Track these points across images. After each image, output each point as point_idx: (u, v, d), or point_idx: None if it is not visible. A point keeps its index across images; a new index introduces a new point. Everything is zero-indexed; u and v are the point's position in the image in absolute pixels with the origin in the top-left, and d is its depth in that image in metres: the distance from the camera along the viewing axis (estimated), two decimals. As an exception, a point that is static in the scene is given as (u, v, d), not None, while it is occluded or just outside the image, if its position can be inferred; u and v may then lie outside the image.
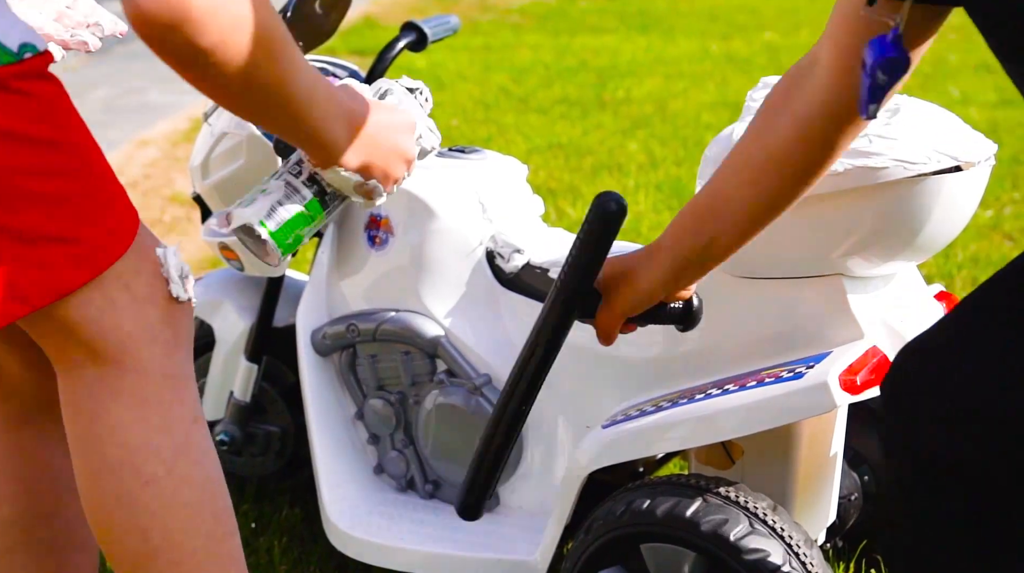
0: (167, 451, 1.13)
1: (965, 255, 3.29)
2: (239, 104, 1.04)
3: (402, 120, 1.22)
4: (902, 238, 1.42)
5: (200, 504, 1.14)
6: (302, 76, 1.04)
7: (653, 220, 3.69)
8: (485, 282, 1.73)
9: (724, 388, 1.47)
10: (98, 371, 1.11)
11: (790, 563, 1.39)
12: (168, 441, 1.13)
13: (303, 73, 1.04)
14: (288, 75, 1.02)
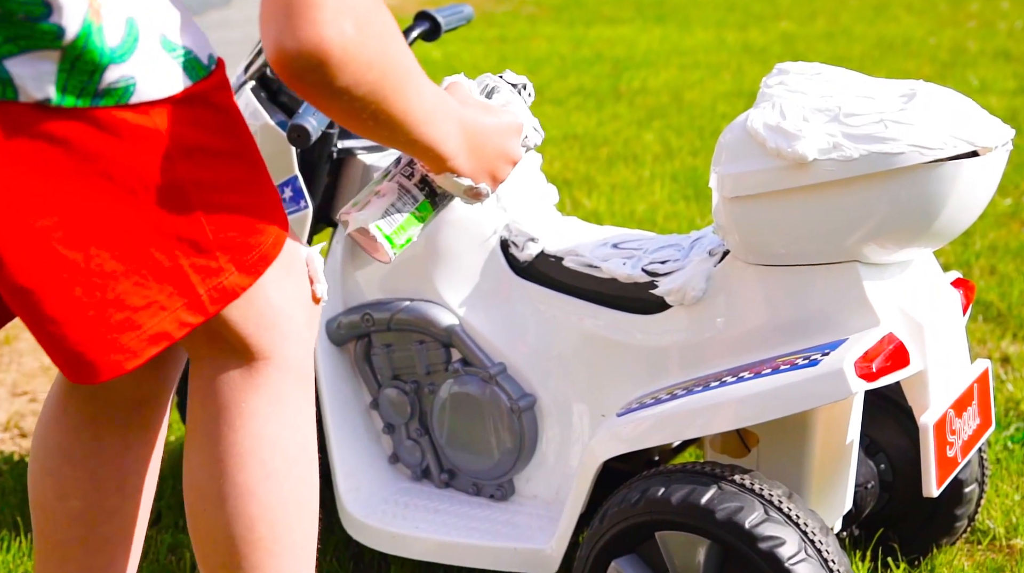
0: (293, 449, 1.17)
1: (983, 243, 3.27)
2: (363, 128, 1.08)
3: (510, 122, 1.25)
4: (918, 224, 1.41)
5: (305, 504, 1.19)
6: (426, 98, 1.09)
7: (669, 210, 3.69)
8: (499, 271, 1.73)
9: (739, 376, 1.46)
10: (242, 365, 1.14)
11: (805, 551, 1.38)
12: (294, 439, 1.17)
13: (426, 95, 1.09)
14: (413, 101, 1.07)
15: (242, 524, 1.16)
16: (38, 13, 0.95)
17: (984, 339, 2.68)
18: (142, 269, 1.03)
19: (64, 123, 0.97)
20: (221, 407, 1.15)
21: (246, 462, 1.15)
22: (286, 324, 1.16)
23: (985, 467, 1.80)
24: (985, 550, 1.88)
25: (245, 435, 1.15)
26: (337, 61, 0.98)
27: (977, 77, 5.58)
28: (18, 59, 0.96)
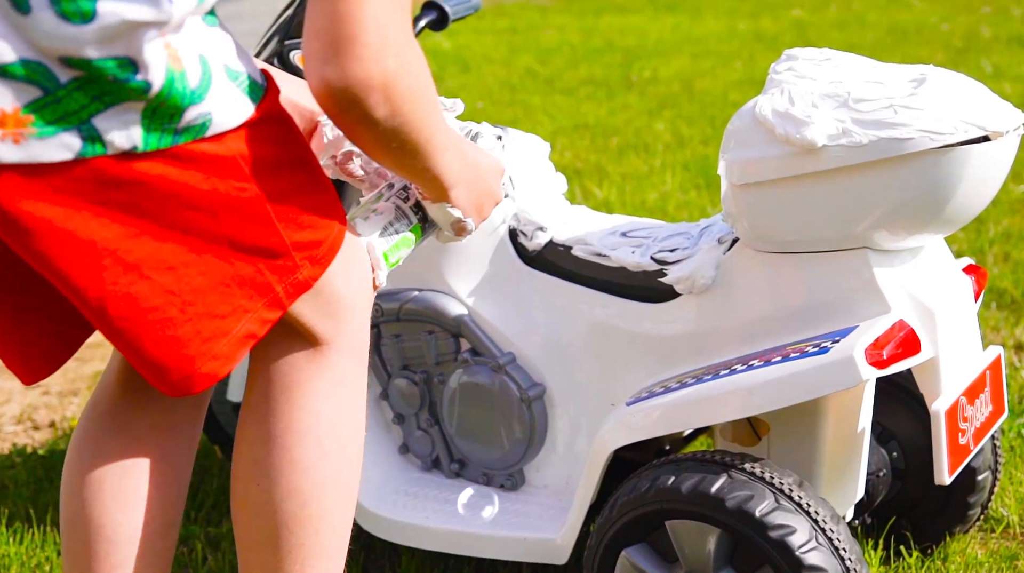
0: (348, 430, 1.22)
1: (997, 230, 3.25)
2: (385, 155, 1.15)
3: (496, 165, 1.34)
4: (929, 211, 1.40)
5: (353, 485, 1.24)
6: (443, 129, 1.17)
7: (680, 200, 3.68)
8: (508, 260, 1.72)
9: (749, 364, 1.45)
10: (306, 348, 1.19)
11: (816, 539, 1.38)
12: (351, 421, 1.22)
13: (442, 125, 1.17)
14: (435, 131, 1.15)
15: (296, 500, 1.19)
16: (125, 74, 1.00)
17: (998, 326, 2.66)
18: (227, 280, 1.09)
19: (148, 163, 1.02)
20: (284, 387, 1.19)
21: (305, 439, 1.19)
22: (349, 311, 1.21)
23: (998, 454, 1.79)
24: (999, 538, 1.87)
25: (307, 414, 1.19)
26: (380, 95, 1.06)
27: (991, 63, 5.55)
28: (104, 114, 1.00)
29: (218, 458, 2.18)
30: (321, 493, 1.20)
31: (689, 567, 1.46)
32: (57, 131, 0.99)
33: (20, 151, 0.98)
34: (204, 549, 1.91)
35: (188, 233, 1.06)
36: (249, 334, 1.12)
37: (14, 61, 0.97)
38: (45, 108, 0.98)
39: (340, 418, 1.21)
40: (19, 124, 0.98)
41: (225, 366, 1.11)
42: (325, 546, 1.21)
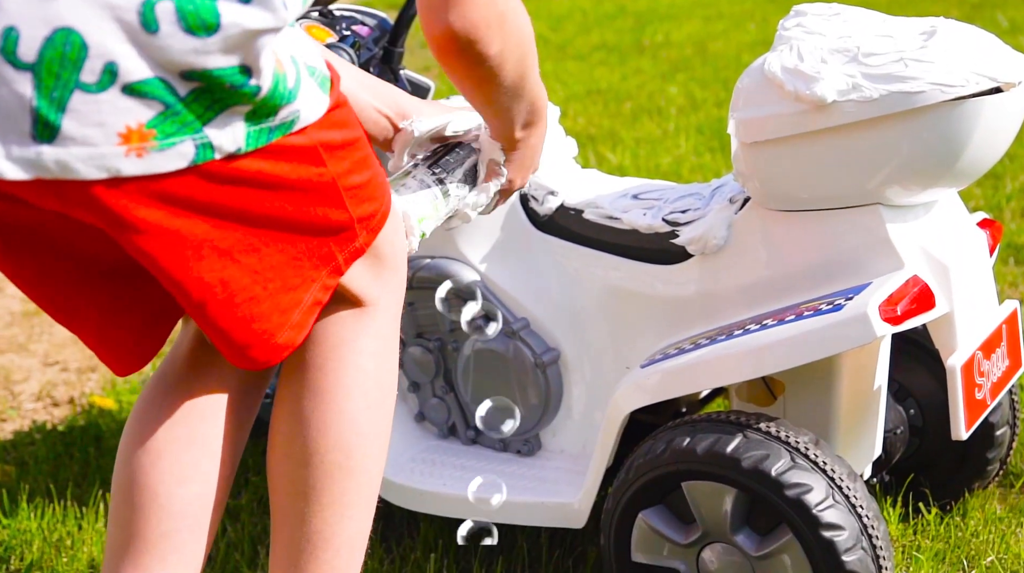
0: (388, 383, 1.29)
1: (1015, 186, 3.22)
2: (496, 92, 1.28)
3: (545, 134, 1.44)
4: (941, 164, 1.39)
5: (388, 437, 1.30)
6: (536, 70, 1.31)
7: (694, 163, 3.65)
8: (519, 225, 1.72)
9: (763, 323, 1.45)
10: (353, 309, 1.26)
11: (833, 497, 1.37)
12: (390, 377, 1.29)
13: (536, 67, 1.31)
14: (533, 67, 1.29)
15: (342, 450, 1.24)
16: (241, 80, 1.05)
17: (1016, 282, 2.64)
18: (299, 254, 1.16)
19: (247, 161, 1.08)
20: (333, 346, 1.25)
21: (353, 393, 1.25)
22: (392, 273, 1.28)
23: (1016, 410, 1.78)
24: (1018, 493, 1.86)
25: (355, 369, 1.25)
26: (496, 31, 1.20)
27: (1007, 17, 5.48)
28: (215, 121, 1.06)
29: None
30: (365, 444, 1.25)
31: (706, 528, 1.46)
32: (175, 142, 1.04)
33: (141, 164, 1.03)
34: (224, 520, 1.92)
35: (273, 218, 1.12)
36: (316, 302, 1.19)
37: (143, 79, 1.01)
38: (166, 122, 1.03)
39: (382, 372, 1.28)
40: (143, 139, 1.02)
41: (300, 334, 1.19)
42: (362, 497, 1.26)
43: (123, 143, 1.01)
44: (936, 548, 1.71)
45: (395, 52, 1.82)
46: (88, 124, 1.01)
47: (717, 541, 1.46)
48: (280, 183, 1.11)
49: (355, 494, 1.26)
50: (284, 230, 1.14)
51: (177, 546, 1.27)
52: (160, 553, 1.26)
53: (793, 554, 1.39)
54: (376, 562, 1.77)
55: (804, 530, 1.36)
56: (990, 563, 1.67)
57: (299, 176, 1.12)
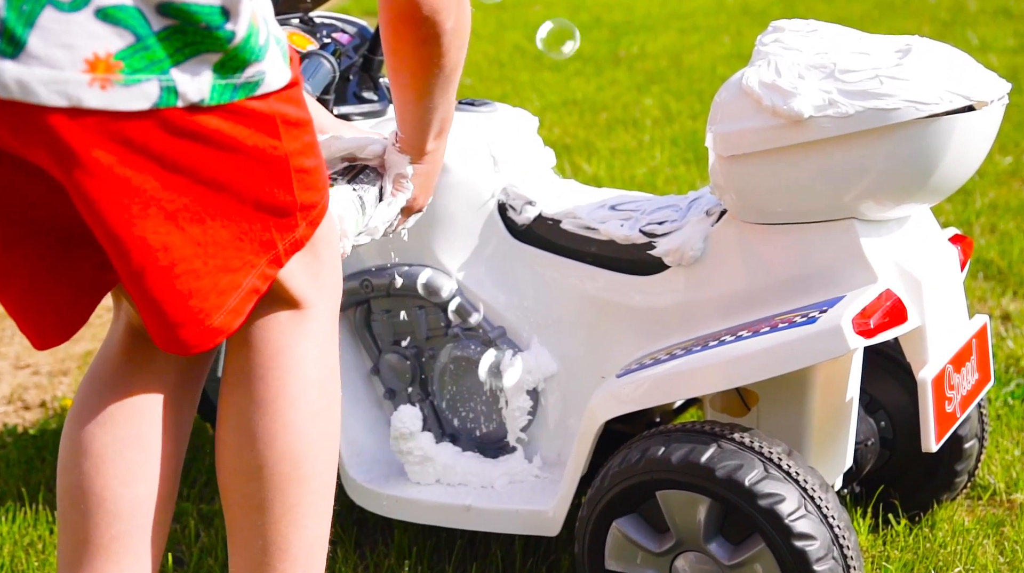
0: (332, 389, 1.27)
1: (984, 202, 3.26)
2: (433, 80, 1.33)
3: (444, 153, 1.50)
4: (915, 180, 1.41)
5: (337, 442, 1.28)
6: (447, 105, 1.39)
7: (669, 174, 3.68)
8: (497, 234, 1.73)
9: (738, 334, 1.46)
10: (292, 313, 1.24)
11: (805, 507, 1.39)
12: (333, 382, 1.27)
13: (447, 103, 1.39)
14: (461, 66, 1.34)
15: (290, 461, 1.22)
16: (217, 22, 1.03)
17: (985, 297, 2.68)
18: (241, 234, 1.13)
19: (207, 117, 1.06)
20: (272, 353, 1.23)
21: (297, 402, 1.23)
22: (329, 274, 1.26)
23: (985, 422, 1.80)
24: (985, 505, 1.89)
25: (297, 377, 1.23)
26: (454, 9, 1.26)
27: (977, 35, 5.55)
28: (183, 66, 1.03)
29: (209, 435, 2.19)
30: (313, 453, 1.24)
31: (679, 537, 1.47)
32: (140, 79, 1.01)
33: (104, 97, 1.00)
34: (197, 526, 1.92)
35: (222, 186, 1.09)
36: (255, 289, 1.16)
37: (119, 4, 0.99)
38: (135, 55, 1.00)
39: (325, 378, 1.26)
40: (109, 70, 0.99)
41: (235, 320, 1.15)
42: (316, 505, 1.25)
43: (89, 71, 0.98)
44: (905, 558, 1.73)
45: (375, 60, 1.83)
46: (55, 44, 0.97)
47: (690, 550, 1.47)
48: (236, 147, 1.08)
49: (308, 503, 1.24)
50: (231, 200, 1.10)
51: (129, 548, 1.26)
52: (113, 556, 1.25)
53: (765, 563, 1.40)
54: (350, 568, 1.77)
55: (776, 539, 1.38)
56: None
57: (255, 144, 1.09)
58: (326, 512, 1.27)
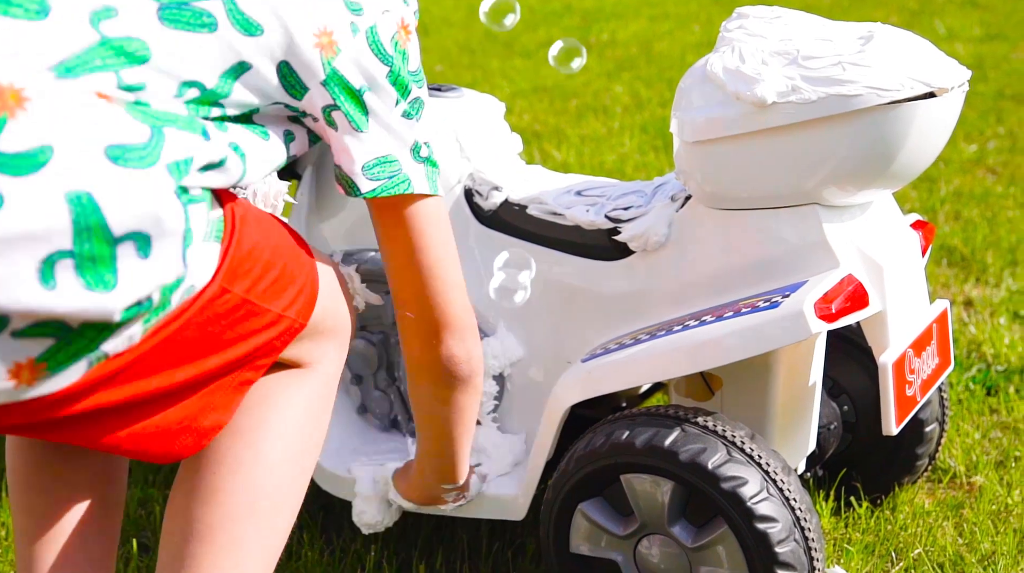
0: (313, 441, 1.27)
1: (948, 190, 3.29)
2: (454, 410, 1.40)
3: None
4: (877, 166, 1.42)
5: (300, 499, 1.26)
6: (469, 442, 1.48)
7: (638, 161, 3.69)
8: (464, 220, 1.73)
9: (702, 319, 1.47)
10: (290, 369, 1.25)
11: (767, 490, 1.40)
12: (317, 435, 1.28)
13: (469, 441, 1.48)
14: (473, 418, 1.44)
15: (251, 493, 1.20)
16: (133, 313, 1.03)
17: (948, 283, 2.71)
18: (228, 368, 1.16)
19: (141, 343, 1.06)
20: (264, 392, 1.23)
21: (273, 437, 1.22)
22: (331, 338, 1.28)
23: (946, 407, 1.82)
24: (946, 488, 1.91)
25: (281, 416, 1.23)
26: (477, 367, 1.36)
27: (944, 24, 5.59)
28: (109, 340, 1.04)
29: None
30: (276, 493, 1.21)
31: (644, 520, 1.48)
32: (69, 366, 1.01)
33: (33, 391, 1.01)
34: (162, 512, 1.91)
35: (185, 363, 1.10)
36: (245, 381, 1.18)
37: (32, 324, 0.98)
38: (59, 354, 1.00)
39: (308, 429, 1.26)
40: (33, 372, 1.00)
41: (226, 415, 1.17)
42: (262, 549, 1.21)
43: (11, 378, 0.99)
44: (866, 541, 1.75)
45: None
46: None
47: (654, 533, 1.48)
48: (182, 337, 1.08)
49: (255, 542, 1.20)
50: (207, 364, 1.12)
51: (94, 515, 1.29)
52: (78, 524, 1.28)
53: (728, 545, 1.42)
54: (316, 553, 1.77)
55: (739, 522, 1.39)
56: (917, 555, 1.72)
57: (201, 321, 1.09)
58: (272, 557, 1.23)
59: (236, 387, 1.17)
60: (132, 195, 0.98)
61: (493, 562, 1.76)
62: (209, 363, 1.12)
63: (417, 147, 1.23)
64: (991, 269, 2.75)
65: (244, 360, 1.16)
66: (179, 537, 1.20)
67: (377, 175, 1.21)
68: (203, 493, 1.20)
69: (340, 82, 1.18)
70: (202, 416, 1.15)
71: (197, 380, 1.12)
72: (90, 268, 0.97)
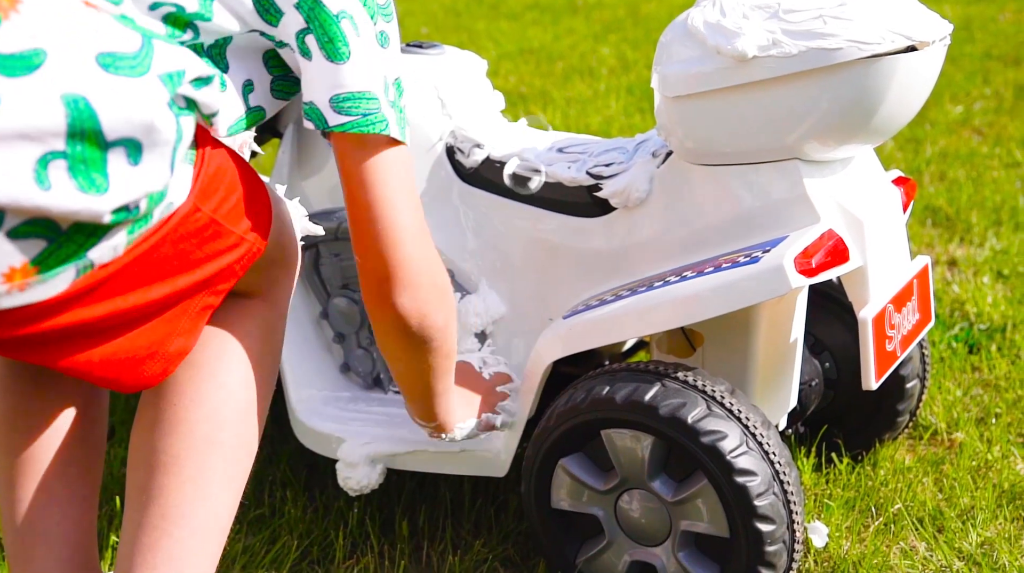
0: (268, 370, 1.28)
1: (934, 150, 3.29)
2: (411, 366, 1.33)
3: None
4: (857, 120, 1.42)
5: (260, 428, 1.27)
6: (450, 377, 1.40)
7: (624, 123, 3.68)
8: (445, 177, 1.73)
9: (682, 275, 1.47)
10: (239, 298, 1.26)
11: (747, 444, 1.41)
12: (270, 362, 1.28)
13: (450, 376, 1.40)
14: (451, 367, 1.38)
15: (214, 423, 1.21)
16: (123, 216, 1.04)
17: (932, 243, 2.71)
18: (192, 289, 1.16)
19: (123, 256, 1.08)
20: (217, 322, 1.24)
21: (233, 367, 1.23)
22: (280, 268, 1.28)
23: (927, 363, 1.83)
24: (926, 444, 1.93)
25: (237, 347, 1.24)
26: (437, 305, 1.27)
27: (933, -14, 5.58)
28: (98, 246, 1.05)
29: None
30: (238, 421, 1.22)
31: (624, 475, 1.49)
32: (58, 272, 1.03)
33: (23, 297, 1.02)
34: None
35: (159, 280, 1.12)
36: (207, 306, 1.18)
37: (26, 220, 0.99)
38: (50, 258, 1.01)
39: (264, 358, 1.26)
40: (26, 275, 1.01)
41: (190, 340, 1.18)
42: (227, 477, 1.22)
43: (5, 282, 1.00)
44: (847, 496, 1.76)
45: None
46: None
47: (635, 488, 1.49)
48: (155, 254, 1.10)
49: (220, 472, 1.21)
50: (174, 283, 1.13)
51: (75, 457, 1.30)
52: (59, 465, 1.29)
53: (708, 499, 1.42)
54: (299, 510, 1.78)
55: (718, 476, 1.40)
56: (897, 510, 1.73)
57: (175, 239, 1.11)
58: (236, 489, 1.24)
59: (199, 312, 1.18)
60: (127, 102, 1.00)
61: (476, 518, 1.77)
62: (180, 282, 1.13)
63: (387, 87, 1.21)
64: (975, 229, 2.76)
65: (209, 282, 1.17)
66: (144, 470, 1.21)
67: (348, 110, 1.18)
68: (166, 425, 1.20)
69: (315, 3, 1.16)
70: (168, 341, 1.16)
71: (169, 299, 1.13)
72: (82, 171, 0.99)
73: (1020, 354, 2.19)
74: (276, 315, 1.30)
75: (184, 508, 1.19)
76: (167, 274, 1.12)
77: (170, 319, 1.16)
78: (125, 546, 1.21)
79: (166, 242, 1.10)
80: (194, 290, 1.16)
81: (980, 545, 1.64)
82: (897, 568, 1.61)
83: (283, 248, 1.29)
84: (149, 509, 1.19)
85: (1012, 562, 1.59)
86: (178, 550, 1.18)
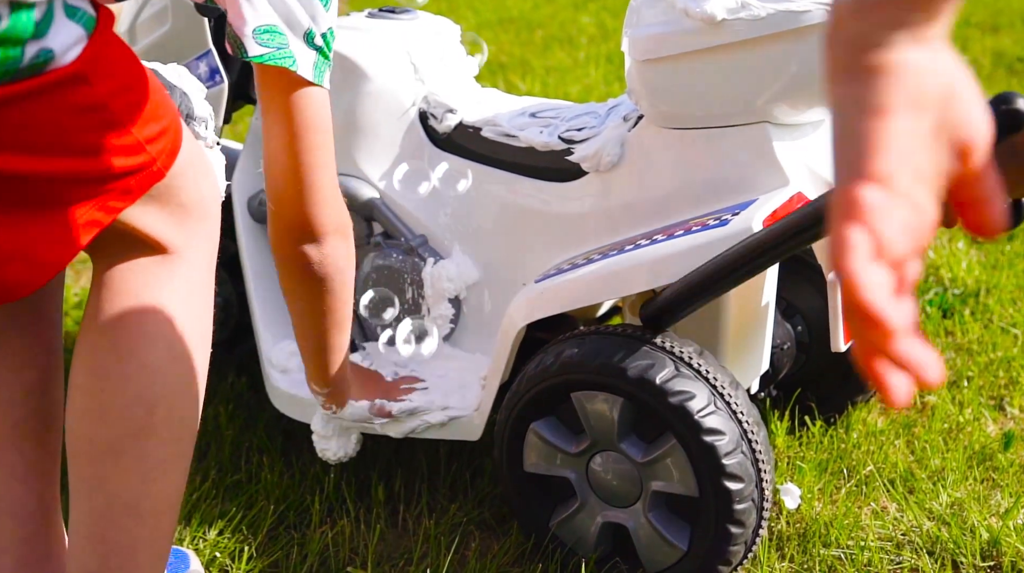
0: (197, 337, 1.21)
1: (912, 118, 3.30)
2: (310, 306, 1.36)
3: None
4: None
5: (200, 396, 1.22)
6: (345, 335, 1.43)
7: (603, 92, 3.68)
8: (418, 143, 1.73)
9: (653, 238, 1.48)
10: (156, 258, 1.19)
11: (715, 404, 1.42)
12: (200, 329, 1.21)
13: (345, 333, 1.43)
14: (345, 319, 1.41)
15: (144, 405, 1.16)
16: None
17: (908, 209, 2.72)
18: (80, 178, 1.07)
19: None
20: (133, 294, 1.17)
21: (156, 343, 1.16)
22: (199, 222, 1.21)
23: (898, 327, 1.84)
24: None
25: (158, 319, 1.17)
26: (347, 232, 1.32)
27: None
28: None
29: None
30: (170, 398, 1.17)
31: (595, 437, 1.50)
32: None
33: None
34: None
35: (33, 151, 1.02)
36: (93, 221, 1.09)
37: None
38: None
39: (190, 325, 1.20)
40: None
41: (67, 251, 1.08)
42: (169, 457, 1.18)
43: None
44: (819, 458, 1.78)
45: None
46: None
47: (605, 449, 1.50)
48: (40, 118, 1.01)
49: (161, 454, 1.17)
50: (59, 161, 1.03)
51: (31, 431, 1.26)
52: (16, 440, 1.26)
53: (677, 459, 1.43)
54: (276, 476, 1.78)
55: (686, 436, 1.41)
56: (869, 472, 1.75)
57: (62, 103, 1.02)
58: (181, 469, 1.20)
59: (84, 225, 1.09)
60: None
61: (451, 482, 1.78)
62: (59, 164, 1.04)
63: (311, 34, 1.19)
64: (951, 195, 2.77)
65: (97, 183, 1.08)
66: (85, 461, 1.17)
67: (266, 42, 1.17)
68: (96, 412, 1.16)
69: None
70: (41, 243, 1.06)
71: (42, 183, 1.04)
72: None
73: (993, 318, 2.21)
74: (198, 273, 1.22)
75: (127, 496, 1.15)
76: (42, 145, 1.02)
77: (46, 217, 1.06)
78: (75, 537, 1.17)
79: (44, 105, 1.00)
80: (77, 186, 1.06)
81: (950, 506, 1.66)
82: (868, 528, 1.63)
83: (202, 198, 1.21)
84: (94, 499, 1.16)
85: (981, 522, 1.61)
86: (127, 539, 1.16)
